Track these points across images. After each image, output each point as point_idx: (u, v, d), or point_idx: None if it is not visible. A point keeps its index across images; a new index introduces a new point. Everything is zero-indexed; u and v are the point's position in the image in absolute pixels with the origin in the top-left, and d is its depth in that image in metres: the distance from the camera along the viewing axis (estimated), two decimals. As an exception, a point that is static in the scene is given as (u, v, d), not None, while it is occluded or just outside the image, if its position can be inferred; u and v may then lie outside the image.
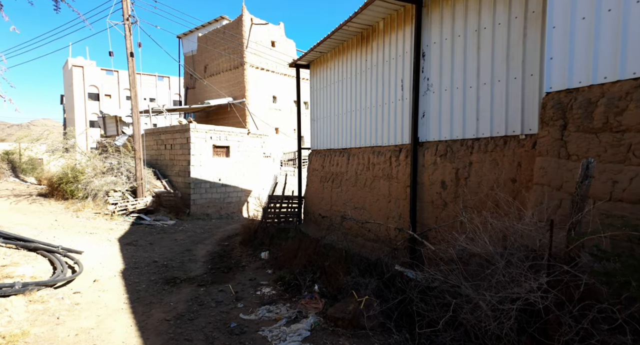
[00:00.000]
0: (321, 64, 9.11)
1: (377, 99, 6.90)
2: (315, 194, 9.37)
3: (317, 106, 9.49)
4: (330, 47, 8.35)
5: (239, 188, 15.59)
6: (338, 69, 8.30)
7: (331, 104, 8.68)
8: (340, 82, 8.22)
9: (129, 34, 12.15)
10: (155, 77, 40.78)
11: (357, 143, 7.64)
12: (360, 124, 7.50)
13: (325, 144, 9.02)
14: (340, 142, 8.30)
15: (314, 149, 9.77)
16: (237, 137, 15.35)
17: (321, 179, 9.07)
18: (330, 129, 8.79)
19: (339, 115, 8.36)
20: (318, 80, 9.33)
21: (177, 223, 12.37)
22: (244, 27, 19.14)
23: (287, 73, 21.75)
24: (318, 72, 9.32)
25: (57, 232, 8.59)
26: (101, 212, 11.69)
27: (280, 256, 7.03)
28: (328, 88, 8.79)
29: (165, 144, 15.37)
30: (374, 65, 6.99)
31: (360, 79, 7.44)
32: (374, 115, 7.01)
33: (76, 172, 12.53)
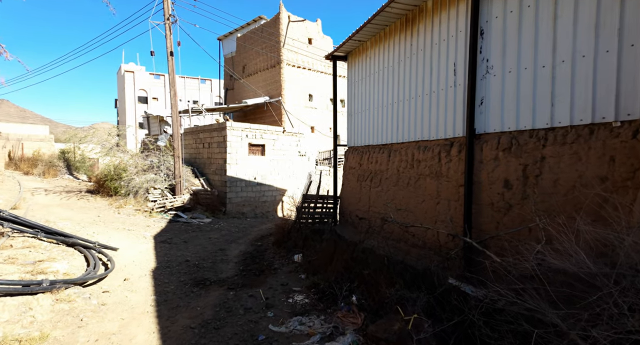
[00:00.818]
0: (360, 54, 8.48)
1: (424, 87, 6.15)
2: (351, 194, 8.75)
3: (355, 100, 8.87)
4: (371, 34, 7.70)
5: (273, 187, 15.36)
6: (378, 58, 7.62)
7: (370, 97, 8.02)
8: (381, 72, 7.53)
9: (169, 33, 12.33)
10: (198, 81, 42.43)
11: (399, 138, 6.92)
12: (403, 116, 6.77)
13: (363, 140, 8.38)
14: (380, 138, 7.61)
15: (350, 145, 9.16)
16: (273, 136, 15.13)
17: (358, 177, 8.44)
18: (369, 124, 8.13)
19: (378, 109, 7.68)
20: (356, 72, 8.71)
21: (213, 221, 12.34)
22: (281, 25, 18.97)
23: (323, 70, 21.30)
24: (356, 63, 8.69)
25: (98, 227, 8.74)
26: (141, 209, 11.94)
27: (314, 260, 6.50)
28: (367, 79, 8.14)
29: (203, 143, 15.54)
30: (420, 50, 6.24)
31: (404, 67, 6.71)
32: (420, 106, 6.26)
33: (119, 169, 12.95)
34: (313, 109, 21.01)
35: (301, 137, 16.10)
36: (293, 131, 15.85)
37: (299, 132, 16.03)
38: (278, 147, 15.34)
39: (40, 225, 6.85)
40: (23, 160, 19.24)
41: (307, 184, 9.54)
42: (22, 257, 5.66)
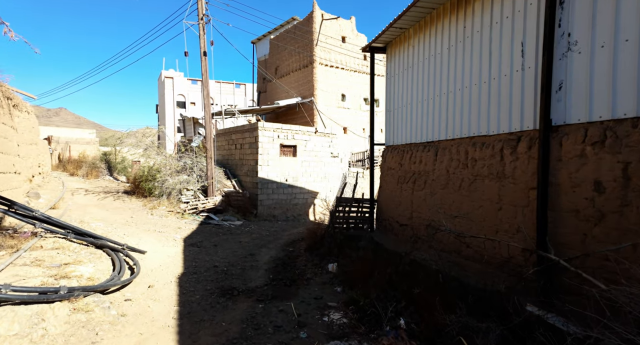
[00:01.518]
0: (401, 43, 7.71)
1: (481, 74, 5.29)
2: (390, 198, 7.97)
3: (394, 94, 8.11)
4: (414, 20, 6.93)
5: (305, 189, 14.85)
6: (423, 46, 6.83)
7: (412, 90, 7.23)
8: (426, 61, 6.73)
9: (203, 33, 12.25)
10: (233, 85, 43.42)
11: (448, 134, 6.08)
12: (453, 109, 5.93)
13: (404, 137, 7.59)
14: (425, 134, 6.80)
15: (389, 144, 8.39)
16: (304, 136, 14.65)
17: (399, 179, 7.65)
18: (411, 120, 7.33)
19: (422, 102, 6.88)
20: (396, 64, 7.95)
21: (244, 224, 12.02)
22: (315, 24, 18.55)
23: (357, 69, 20.60)
24: (396, 54, 7.93)
25: (129, 229, 8.63)
26: (173, 210, 11.87)
27: (351, 271, 5.82)
28: (409, 71, 7.36)
29: (235, 144, 15.39)
30: (476, 31, 5.39)
31: (454, 53, 5.88)
32: (475, 97, 5.41)
33: (154, 170, 13.04)
34: (345, 109, 20.35)
35: (334, 138, 15.48)
36: (325, 132, 15.27)
37: (331, 132, 15.43)
38: (310, 148, 14.83)
39: (71, 226, 6.75)
40: (70, 162, 20.26)
41: (341, 186, 8.87)
42: (49, 259, 5.48)
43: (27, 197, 9.54)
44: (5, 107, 8.17)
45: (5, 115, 8.08)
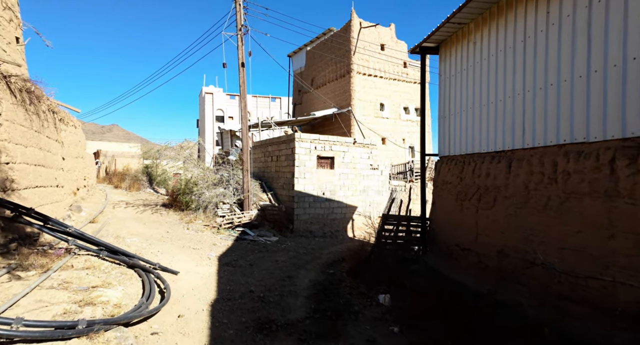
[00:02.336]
0: (458, 41, 6.81)
1: (573, 67, 4.27)
2: (447, 216, 6.94)
3: (449, 98, 7.17)
4: (477, 12, 6.03)
5: (343, 203, 14.02)
6: (488, 41, 5.89)
7: (475, 92, 6.27)
8: (492, 58, 5.78)
9: (241, 44, 12.10)
10: (269, 99, 44.33)
11: (526, 141, 5.05)
12: (532, 112, 4.91)
13: (464, 147, 6.59)
14: (493, 143, 5.78)
15: (443, 155, 7.40)
16: (342, 147, 13.92)
17: (458, 195, 6.62)
18: (472, 126, 6.35)
19: (488, 105, 5.89)
20: (452, 64, 7.03)
21: (280, 240, 11.39)
22: (353, 33, 18.05)
23: (396, 77, 19.72)
24: (452, 53, 7.03)
25: (164, 245, 8.28)
26: (209, 225, 11.54)
27: (408, 306, 4.87)
28: (470, 70, 6.42)
29: (271, 156, 15.00)
30: (566, 16, 4.41)
31: (534, 46, 4.90)
32: (566, 95, 4.38)
33: (191, 183, 12.90)
34: (384, 119, 19.45)
35: (373, 149, 14.61)
36: (364, 142, 14.46)
37: (370, 143, 14.58)
38: (348, 160, 14.05)
39: (104, 243, 6.44)
40: (115, 175, 21.06)
41: (389, 202, 7.97)
42: (77, 280, 5.10)
43: (69, 211, 9.59)
44: (50, 120, 8.25)
45: (50, 129, 8.15)
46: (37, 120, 7.11)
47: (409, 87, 20.22)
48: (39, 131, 7.21)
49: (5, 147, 5.78)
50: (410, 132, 20.14)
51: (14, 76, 6.02)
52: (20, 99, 6.35)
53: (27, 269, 5.23)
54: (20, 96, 6.36)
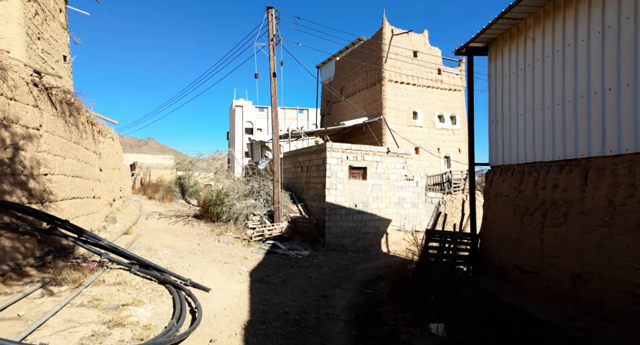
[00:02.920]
0: (511, 39, 6.17)
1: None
2: (503, 233, 6.18)
3: (502, 101, 6.49)
4: (536, 5, 5.40)
5: (376, 216, 13.35)
6: (553, 36, 5.23)
7: (535, 93, 5.59)
8: (558, 54, 5.11)
9: (273, 54, 12.01)
10: (297, 111, 44.88)
11: (608, 148, 4.31)
12: (616, 111, 4.19)
13: (522, 154, 5.87)
14: (561, 150, 5.05)
15: (496, 164, 6.68)
16: (375, 157, 13.34)
17: (516, 209, 5.87)
18: (532, 131, 5.64)
19: (553, 107, 5.19)
20: (505, 64, 6.38)
21: (312, 254, 10.90)
22: (384, 40, 17.65)
23: (430, 84, 19.01)
24: (505, 52, 6.38)
25: (195, 259, 8.04)
26: (240, 237, 11.28)
27: (470, 341, 4.19)
28: (528, 70, 5.76)
29: (302, 166, 14.68)
30: (660, -2, 3.72)
31: (617, 34, 4.21)
32: (665, 92, 3.65)
33: (222, 194, 12.79)
34: (417, 128, 18.69)
35: (407, 158, 13.91)
36: (398, 152, 13.80)
37: (405, 152, 13.90)
38: (381, 170, 13.44)
39: (136, 257, 6.25)
40: (149, 186, 21.61)
41: (434, 216, 7.29)
42: (108, 298, 4.87)
43: (105, 222, 9.65)
44: (89, 132, 8.37)
45: (88, 141, 8.26)
46: (76, 131, 7.18)
47: (443, 95, 19.42)
48: (77, 142, 7.27)
49: (45, 158, 5.77)
50: (445, 141, 19.23)
51: (55, 88, 6.08)
52: (61, 110, 6.40)
53: (60, 283, 5.08)
54: (61, 108, 6.42)
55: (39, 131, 5.62)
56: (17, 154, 4.95)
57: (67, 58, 15.70)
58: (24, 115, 5.22)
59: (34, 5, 11.27)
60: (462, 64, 20.25)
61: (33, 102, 5.47)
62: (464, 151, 19.82)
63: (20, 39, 10.56)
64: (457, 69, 20.01)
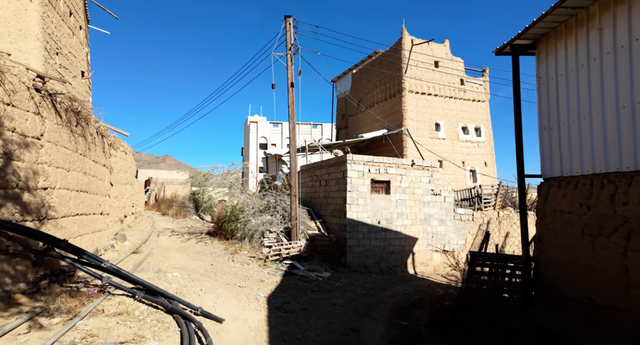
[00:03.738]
0: (569, 32, 5.39)
1: None
2: (566, 257, 5.21)
3: (556, 105, 5.66)
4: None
5: (401, 234, 12.37)
6: (628, 23, 4.43)
7: (605, 91, 4.74)
8: (637, 43, 4.28)
9: (291, 64, 11.55)
10: (311, 126, 44.71)
11: None
12: None
13: (590, 163, 4.97)
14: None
15: (551, 175, 5.78)
16: (399, 170, 12.50)
17: (585, 229, 4.92)
18: (602, 135, 4.77)
19: (633, 106, 4.32)
20: (560, 62, 5.58)
21: (333, 276, 9.99)
22: (404, 50, 17.11)
23: (452, 95, 18.22)
24: (560, 48, 5.59)
25: (207, 282, 7.28)
26: (255, 256, 10.50)
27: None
28: (593, 66, 4.94)
29: (320, 180, 13.94)
30: None
31: None
32: None
33: (237, 210, 12.13)
34: (440, 140, 17.81)
35: (434, 172, 13.00)
36: (424, 164, 12.93)
37: (431, 165, 13.01)
38: (405, 184, 12.55)
39: (141, 281, 5.55)
40: (163, 202, 21.23)
41: (483, 237, 6.37)
42: (105, 333, 4.13)
43: (114, 240, 9.07)
44: (98, 144, 7.91)
45: (97, 153, 7.78)
46: (83, 142, 6.69)
47: (467, 106, 18.57)
48: (84, 154, 6.76)
49: (45, 170, 5.22)
50: (470, 154, 18.23)
51: (59, 94, 5.60)
52: (66, 119, 5.92)
53: (52, 314, 4.39)
54: (66, 116, 5.93)
55: (39, 140, 5.10)
56: (10, 164, 4.38)
57: (86, 74, 15.73)
58: (23, 123, 4.70)
59: (53, 21, 11.21)
60: (486, 75, 19.46)
61: (34, 108, 4.98)
62: (490, 164, 18.73)
63: (38, 53, 10.40)
64: (480, 79, 19.20)
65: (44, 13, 10.58)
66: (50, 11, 10.92)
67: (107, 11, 16.09)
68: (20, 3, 10.23)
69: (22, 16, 10.28)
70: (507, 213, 14.05)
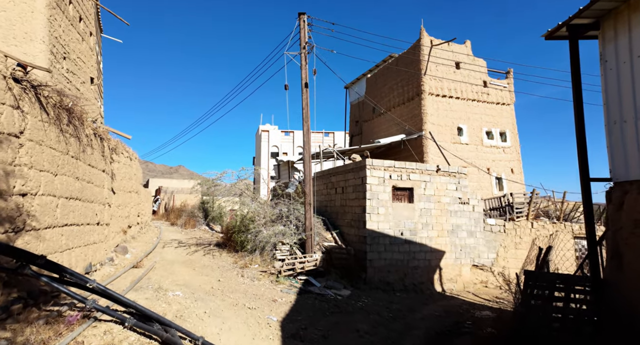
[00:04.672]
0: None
1: None
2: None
3: (630, 93, 4.64)
4: None
5: (426, 247, 11.27)
6: None
7: None
8: None
9: (305, 63, 10.81)
10: (322, 134, 44.15)
11: None
12: None
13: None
14: None
15: (625, 179, 4.74)
16: (423, 176, 11.49)
17: (685, 246, 3.84)
18: None
19: None
20: (636, 41, 4.59)
21: (353, 294, 8.97)
22: (423, 51, 16.24)
23: (476, 98, 17.19)
24: (636, 25, 4.61)
25: (213, 302, 6.38)
26: (267, 271, 9.58)
27: None
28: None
29: (335, 188, 13.01)
30: None
31: None
32: None
33: (247, 220, 11.28)
34: (463, 145, 16.71)
35: (461, 178, 11.93)
36: (450, 170, 11.89)
37: (458, 171, 11.96)
38: (430, 192, 11.51)
39: (133, 304, 4.69)
40: (173, 211, 20.60)
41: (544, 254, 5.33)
42: (78, 377, 3.25)
43: (114, 253, 8.30)
44: (96, 147, 7.21)
45: (95, 157, 7.07)
46: (76, 144, 5.98)
47: (491, 109, 17.48)
48: (77, 157, 6.04)
49: (24, 173, 4.48)
50: (495, 160, 17.04)
51: (45, 87, 4.90)
52: (54, 116, 5.21)
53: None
54: (54, 113, 5.23)
55: (18, 138, 4.37)
56: (-29, 165, 3.63)
57: (95, 80, 15.38)
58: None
59: (61, 25, 10.79)
60: (510, 76, 18.38)
61: (12, 101, 4.27)
62: (517, 171, 17.48)
63: (44, 57, 9.91)
64: (504, 82, 18.13)
65: (50, 16, 10.15)
66: (58, 15, 10.51)
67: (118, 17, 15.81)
68: (27, 5, 9.81)
69: (27, 19, 9.88)
70: (541, 224, 12.79)
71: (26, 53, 9.70)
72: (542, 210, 14.44)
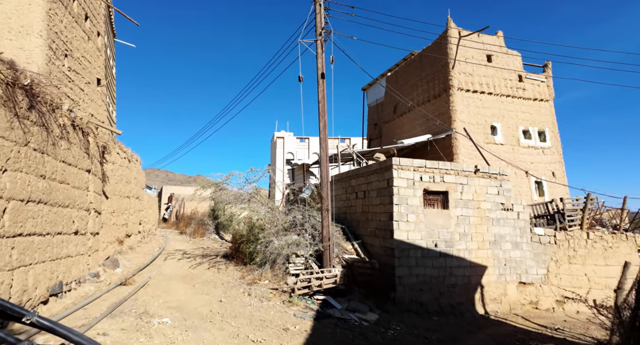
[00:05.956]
0: None
1: None
2: None
3: None
4: None
5: (465, 261, 9.63)
6: None
7: None
8: None
9: (321, 52, 9.58)
10: (338, 140, 42.98)
11: None
12: None
13: None
14: None
15: None
16: (459, 178, 9.92)
17: None
18: None
19: None
20: None
21: (381, 319, 7.45)
22: (450, 43, 14.80)
23: (510, 93, 15.52)
24: None
25: (208, 333, 5.04)
26: (279, 288, 8.21)
27: None
28: None
29: (356, 192, 11.58)
30: None
31: None
32: None
33: (257, 228, 9.98)
34: (497, 146, 15.00)
35: (503, 181, 10.29)
36: (490, 171, 10.27)
37: (500, 172, 10.33)
38: (468, 196, 9.92)
39: (91, 344, 3.40)
40: (182, 219, 19.64)
41: None
42: None
43: (101, 267, 7.14)
44: (77, 143, 6.11)
45: (72, 153, 5.96)
46: (41, 134, 4.86)
47: (527, 106, 15.75)
48: (43, 151, 4.92)
49: (-52, 165, 3.32)
50: (534, 162, 15.22)
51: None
52: (4, 96, 4.09)
53: None
54: (5, 93, 4.11)
55: (-63, 118, 3.23)
56: None
57: (102, 82, 14.66)
58: None
59: (62, 20, 10.00)
60: (548, 70, 16.62)
61: None
62: (559, 175, 15.57)
63: (41, 52, 9.06)
64: (542, 76, 16.37)
65: (50, 9, 9.34)
66: (59, 9, 9.72)
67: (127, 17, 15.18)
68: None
69: (24, 11, 9.10)
70: (599, 234, 10.92)
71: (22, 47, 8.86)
72: (594, 219, 12.52)
